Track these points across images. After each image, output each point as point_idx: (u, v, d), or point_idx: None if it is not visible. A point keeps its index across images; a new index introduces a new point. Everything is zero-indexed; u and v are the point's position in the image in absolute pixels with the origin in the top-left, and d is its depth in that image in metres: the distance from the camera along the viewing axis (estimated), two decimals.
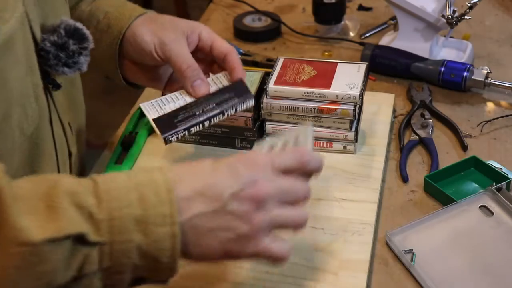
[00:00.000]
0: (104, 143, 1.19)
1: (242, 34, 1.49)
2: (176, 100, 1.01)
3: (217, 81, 1.03)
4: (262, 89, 1.12)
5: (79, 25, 0.90)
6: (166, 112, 0.99)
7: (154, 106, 1.00)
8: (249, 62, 1.40)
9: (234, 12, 1.58)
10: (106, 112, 2.32)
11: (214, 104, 1.00)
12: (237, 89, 1.02)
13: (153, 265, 0.74)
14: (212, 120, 1.00)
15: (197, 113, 0.99)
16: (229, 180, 0.77)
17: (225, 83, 1.03)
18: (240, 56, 1.40)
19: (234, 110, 1.01)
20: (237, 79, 1.02)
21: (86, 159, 1.09)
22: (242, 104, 1.02)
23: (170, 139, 0.98)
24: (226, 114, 1.01)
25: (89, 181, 0.73)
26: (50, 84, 0.91)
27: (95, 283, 0.72)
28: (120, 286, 0.74)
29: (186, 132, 0.98)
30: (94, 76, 1.07)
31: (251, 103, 1.03)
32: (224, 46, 1.03)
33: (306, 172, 0.82)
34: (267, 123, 1.14)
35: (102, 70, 1.08)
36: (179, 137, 0.98)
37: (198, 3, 2.68)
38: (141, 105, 1.00)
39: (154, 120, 0.98)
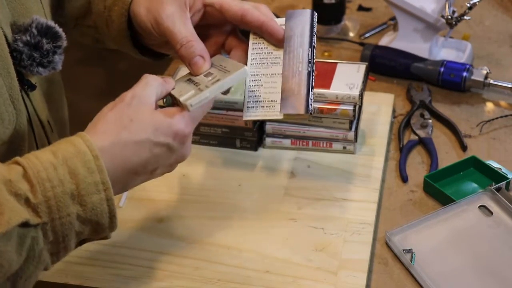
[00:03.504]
0: None
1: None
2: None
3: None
4: None
5: (51, 23, 0.88)
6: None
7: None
8: None
9: None
10: None
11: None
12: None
13: (94, 227, 0.78)
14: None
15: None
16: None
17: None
18: None
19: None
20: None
21: None
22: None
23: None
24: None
25: (16, 166, 0.75)
26: (25, 85, 0.88)
27: (43, 256, 0.76)
28: (66, 251, 0.78)
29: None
30: (94, 76, 1.07)
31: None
32: (234, 6, 0.93)
33: None
34: (267, 123, 1.14)
35: (121, 48, 1.03)
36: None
37: None
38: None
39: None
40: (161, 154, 0.83)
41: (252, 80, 0.93)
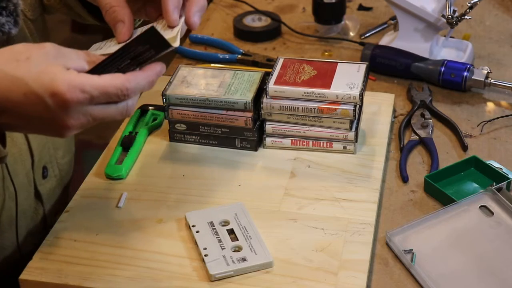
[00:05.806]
0: (104, 143, 1.19)
1: (242, 34, 1.49)
2: (111, 47, 0.91)
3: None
4: (262, 89, 1.12)
5: None
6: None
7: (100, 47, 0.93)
8: (249, 62, 1.40)
9: (234, 12, 1.58)
10: None
11: (129, 60, 0.86)
12: (150, 39, 0.85)
13: None
14: None
15: (112, 72, 0.85)
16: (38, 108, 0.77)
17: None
18: (240, 56, 1.41)
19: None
20: (149, 27, 0.86)
21: (86, 159, 1.09)
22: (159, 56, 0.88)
23: None
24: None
25: None
26: None
27: None
28: None
29: None
30: None
31: (166, 50, 0.88)
32: None
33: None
34: (267, 123, 1.14)
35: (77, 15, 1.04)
36: None
37: None
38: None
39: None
40: (36, 107, 0.76)
41: None
